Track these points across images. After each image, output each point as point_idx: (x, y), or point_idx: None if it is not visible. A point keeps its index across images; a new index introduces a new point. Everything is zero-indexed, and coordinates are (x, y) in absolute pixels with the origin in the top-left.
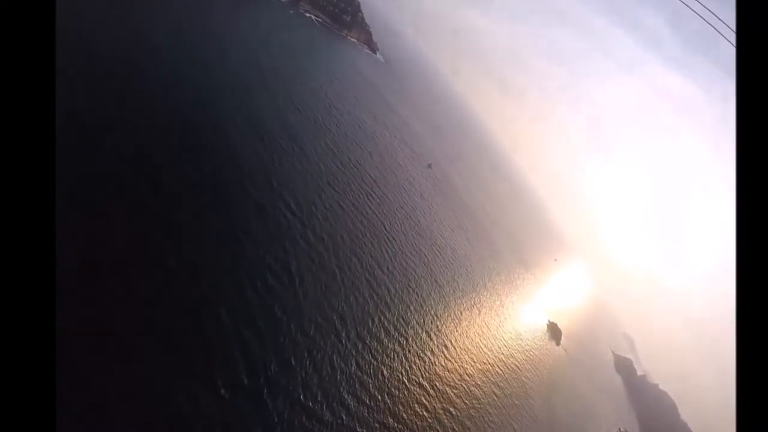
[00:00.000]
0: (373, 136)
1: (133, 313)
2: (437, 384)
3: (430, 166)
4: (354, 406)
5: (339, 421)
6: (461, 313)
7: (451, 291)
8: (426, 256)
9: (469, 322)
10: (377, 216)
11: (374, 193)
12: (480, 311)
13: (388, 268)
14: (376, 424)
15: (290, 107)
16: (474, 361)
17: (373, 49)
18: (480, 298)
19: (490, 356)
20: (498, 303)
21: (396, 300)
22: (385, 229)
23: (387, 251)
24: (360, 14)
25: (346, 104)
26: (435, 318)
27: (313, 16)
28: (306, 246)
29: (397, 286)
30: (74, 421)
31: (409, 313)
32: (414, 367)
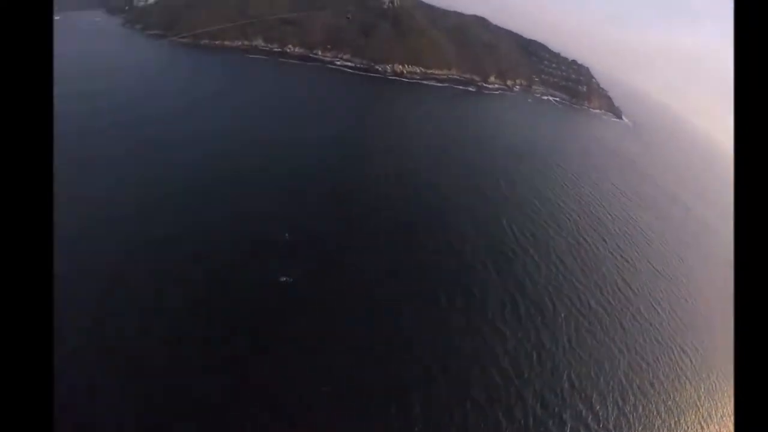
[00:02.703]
0: (649, 235)
1: None
2: None
3: None
4: None
5: None
6: None
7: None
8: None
9: None
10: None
11: (666, 336)
12: None
13: None
14: None
15: (566, 225)
16: None
17: (617, 114)
18: None
19: None
20: None
21: None
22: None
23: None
24: (594, 80)
25: (614, 203)
26: None
27: (550, 97)
28: None
29: None
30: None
31: None
32: None
